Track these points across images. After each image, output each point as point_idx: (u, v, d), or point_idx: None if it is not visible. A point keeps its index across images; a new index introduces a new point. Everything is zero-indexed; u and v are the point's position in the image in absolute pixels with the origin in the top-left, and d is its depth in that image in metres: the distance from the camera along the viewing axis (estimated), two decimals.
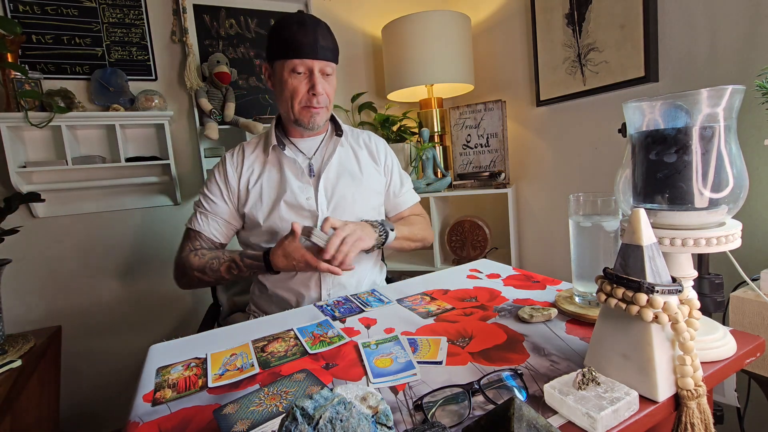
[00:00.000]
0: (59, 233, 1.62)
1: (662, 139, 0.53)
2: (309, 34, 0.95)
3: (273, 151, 1.07)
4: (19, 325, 1.53)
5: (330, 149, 1.09)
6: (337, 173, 1.08)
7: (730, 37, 1.18)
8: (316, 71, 0.98)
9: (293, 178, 1.04)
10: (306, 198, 1.03)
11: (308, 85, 0.98)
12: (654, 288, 0.45)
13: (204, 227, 1.07)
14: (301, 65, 0.96)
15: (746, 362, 0.55)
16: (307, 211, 1.03)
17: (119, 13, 1.65)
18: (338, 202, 1.06)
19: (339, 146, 1.10)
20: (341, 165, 1.10)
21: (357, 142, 1.16)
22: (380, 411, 0.41)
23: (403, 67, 1.88)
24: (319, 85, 0.98)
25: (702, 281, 0.94)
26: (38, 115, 1.43)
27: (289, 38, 0.95)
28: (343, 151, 1.12)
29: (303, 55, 0.95)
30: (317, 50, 0.96)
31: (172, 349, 0.73)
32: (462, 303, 0.81)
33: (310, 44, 0.95)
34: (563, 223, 1.80)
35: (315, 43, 0.95)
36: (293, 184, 1.04)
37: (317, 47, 0.96)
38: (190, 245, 1.06)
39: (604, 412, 0.42)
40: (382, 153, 1.18)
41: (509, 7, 1.92)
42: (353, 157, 1.13)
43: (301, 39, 0.94)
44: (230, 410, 0.52)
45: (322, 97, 1.00)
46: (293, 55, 0.95)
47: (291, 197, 1.03)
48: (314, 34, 0.95)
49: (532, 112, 1.88)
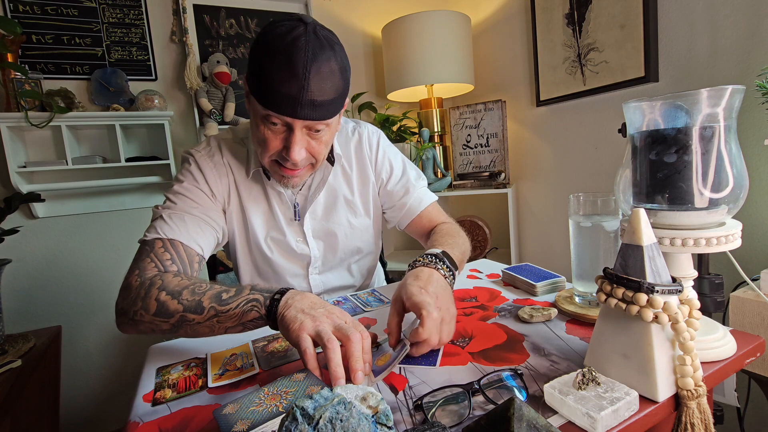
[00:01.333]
0: (59, 233, 1.62)
1: (662, 139, 0.53)
2: (295, 83, 0.65)
3: (254, 177, 0.85)
4: (19, 325, 1.53)
5: (317, 180, 0.88)
6: (325, 207, 0.91)
7: (730, 37, 1.18)
8: (296, 130, 0.70)
9: (282, 217, 0.87)
10: (296, 241, 0.89)
11: (283, 143, 0.72)
12: (654, 288, 0.45)
13: (179, 233, 0.74)
14: (278, 118, 0.69)
15: (746, 362, 0.55)
16: (299, 256, 0.90)
17: (119, 13, 1.65)
18: (331, 243, 0.92)
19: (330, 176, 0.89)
20: (332, 196, 0.91)
21: (347, 154, 0.92)
22: (380, 411, 0.41)
23: (403, 67, 1.88)
24: (294, 150, 0.71)
25: (702, 281, 0.94)
26: (38, 115, 1.43)
27: (269, 80, 0.66)
28: (332, 177, 0.90)
29: (281, 111, 0.68)
30: (302, 107, 0.67)
31: (172, 349, 0.72)
32: (462, 303, 0.81)
33: (293, 97, 0.66)
34: (563, 223, 1.80)
35: (301, 96, 0.66)
36: (282, 224, 0.87)
37: (301, 103, 0.66)
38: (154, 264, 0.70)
39: (604, 412, 0.42)
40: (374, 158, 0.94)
41: (509, 7, 1.93)
42: (344, 181, 0.92)
43: (284, 88, 0.65)
44: (230, 410, 0.52)
45: (301, 162, 0.75)
46: (267, 104, 0.68)
47: (281, 239, 0.88)
48: (301, 85, 0.65)
49: (532, 112, 1.88)
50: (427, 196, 0.97)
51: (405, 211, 0.95)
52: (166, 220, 0.74)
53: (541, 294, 0.82)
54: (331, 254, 0.93)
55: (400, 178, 0.96)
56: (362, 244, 0.96)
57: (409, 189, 0.95)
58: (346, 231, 0.92)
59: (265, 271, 0.92)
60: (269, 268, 0.91)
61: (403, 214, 0.96)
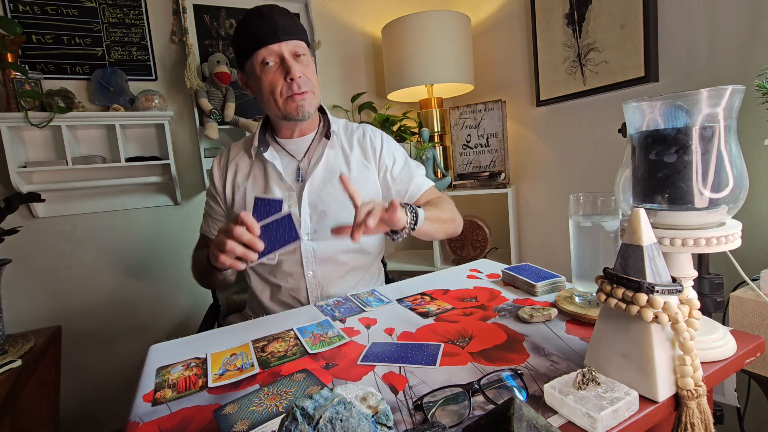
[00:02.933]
0: (59, 233, 1.62)
1: (662, 139, 0.53)
2: (266, 20, 0.89)
3: (255, 154, 1.03)
4: (19, 325, 1.53)
5: (318, 152, 1.02)
6: (323, 179, 1.01)
7: (730, 37, 1.18)
8: (286, 55, 0.90)
9: (275, 184, 1.00)
10: (288, 205, 0.98)
11: (283, 73, 0.91)
12: (654, 288, 0.45)
13: (206, 229, 1.09)
14: (269, 54, 0.90)
15: (746, 362, 0.55)
16: None
17: (119, 13, 1.65)
18: (323, 211, 0.99)
19: (328, 148, 1.02)
20: (328, 169, 1.02)
21: (349, 142, 1.06)
22: (380, 411, 0.41)
23: (403, 67, 1.88)
24: (294, 68, 0.90)
25: (702, 281, 0.94)
26: (38, 115, 1.43)
27: (248, 30, 0.90)
28: (332, 153, 1.03)
29: (266, 42, 0.89)
30: (278, 32, 0.89)
31: (172, 349, 0.73)
32: (462, 303, 0.81)
33: (271, 28, 0.88)
34: (563, 223, 1.80)
35: (275, 26, 0.89)
36: (275, 191, 0.99)
37: (278, 29, 0.89)
38: (196, 246, 1.10)
39: (604, 412, 0.42)
40: (377, 147, 1.07)
41: (509, 7, 1.93)
42: (343, 160, 1.04)
43: (260, 27, 0.89)
44: (230, 410, 0.52)
45: (302, 80, 0.92)
46: (257, 45, 0.89)
47: None
48: (272, 18, 0.89)
49: (532, 112, 1.88)
50: (425, 182, 1.09)
51: (407, 196, 1.07)
52: (204, 220, 1.10)
53: (541, 294, 0.82)
54: (323, 224, 1.00)
55: (402, 166, 1.08)
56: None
57: (412, 175, 1.08)
58: (340, 204, 1.00)
59: None
60: None
61: (406, 198, 1.06)
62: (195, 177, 1.82)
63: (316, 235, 1.00)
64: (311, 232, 1.00)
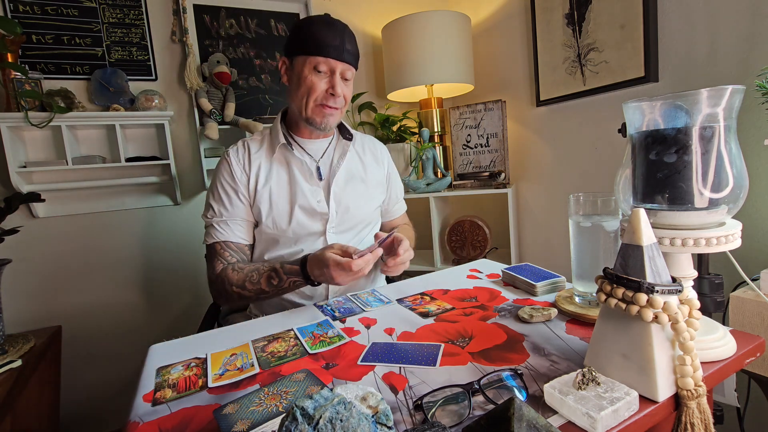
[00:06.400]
0: (59, 233, 1.61)
1: (662, 139, 0.53)
2: (337, 36, 0.95)
3: (280, 149, 1.04)
4: (19, 325, 1.53)
5: (338, 153, 1.09)
6: (346, 179, 1.08)
7: (730, 37, 1.18)
8: (337, 73, 0.97)
9: (303, 180, 1.03)
10: (317, 201, 1.02)
11: (328, 85, 0.97)
12: (654, 288, 0.45)
13: (229, 235, 1.01)
14: (325, 64, 0.95)
15: (746, 362, 0.55)
16: (319, 215, 1.03)
17: (119, 13, 1.65)
18: (347, 206, 1.06)
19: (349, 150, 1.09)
20: (349, 171, 1.09)
21: (362, 148, 1.16)
22: (380, 411, 0.41)
23: (403, 67, 1.88)
24: (339, 87, 0.97)
25: (702, 281, 0.94)
26: (38, 115, 1.43)
27: (317, 36, 0.94)
28: (351, 156, 1.11)
29: (328, 54, 0.95)
30: (343, 52, 0.96)
31: (172, 349, 0.73)
32: (462, 303, 0.81)
33: (336, 46, 0.95)
34: (563, 223, 1.80)
35: (342, 45, 0.95)
36: (304, 186, 1.02)
37: (343, 49, 0.96)
38: (221, 261, 0.99)
39: (604, 412, 0.42)
40: (385, 159, 1.20)
41: (509, 7, 1.92)
42: (359, 162, 1.13)
43: (329, 39, 0.94)
44: (230, 410, 0.52)
45: (339, 99, 0.99)
46: (318, 52, 0.94)
47: (304, 200, 1.02)
48: (341, 37, 0.96)
49: (532, 112, 1.88)
50: (403, 207, 1.31)
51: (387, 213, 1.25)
52: (216, 227, 1.02)
53: (541, 294, 0.82)
54: (346, 217, 1.07)
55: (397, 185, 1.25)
56: (370, 217, 1.14)
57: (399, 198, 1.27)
58: (358, 202, 1.09)
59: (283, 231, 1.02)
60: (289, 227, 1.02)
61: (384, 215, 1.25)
62: (195, 177, 1.82)
63: (338, 229, 1.06)
64: (335, 225, 1.05)
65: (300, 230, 1.02)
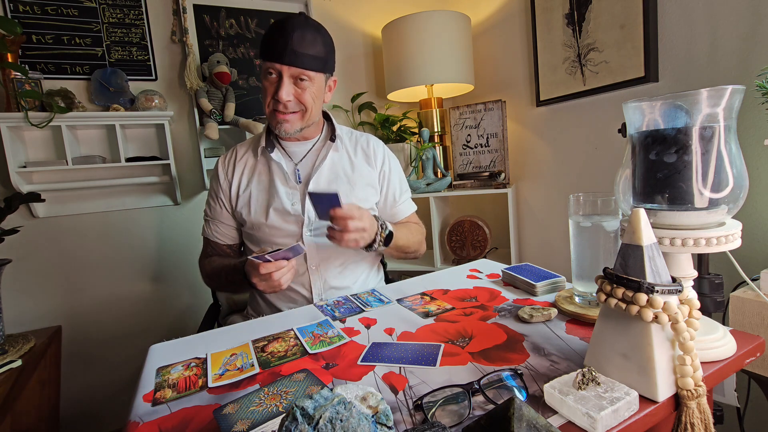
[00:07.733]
0: (59, 233, 1.61)
1: (662, 139, 0.53)
2: (282, 38, 0.90)
3: (261, 153, 1.06)
4: (19, 325, 1.53)
5: (322, 155, 1.06)
6: (329, 180, 1.05)
7: (730, 37, 1.18)
8: (285, 77, 0.93)
9: (280, 183, 1.03)
10: (292, 204, 1.02)
11: (274, 90, 0.94)
12: (654, 288, 0.45)
13: (210, 233, 1.10)
14: (272, 68, 0.93)
15: (746, 362, 0.55)
16: (293, 217, 1.02)
17: (119, 13, 1.65)
18: None
19: (332, 151, 1.06)
20: (333, 171, 1.06)
21: (354, 147, 1.11)
22: (380, 411, 0.41)
23: (403, 67, 1.88)
24: (283, 91, 0.93)
25: (702, 281, 0.94)
26: (38, 115, 1.43)
27: (266, 39, 0.93)
28: (337, 156, 1.08)
29: (272, 58, 0.91)
30: (285, 55, 0.90)
31: (172, 349, 0.73)
32: (462, 303, 0.81)
33: (282, 48, 0.90)
34: (563, 223, 1.80)
35: (287, 47, 0.90)
36: (280, 189, 1.02)
37: (286, 52, 0.90)
38: (203, 253, 1.13)
39: (604, 412, 0.42)
40: (379, 157, 1.13)
41: (509, 7, 1.92)
42: (348, 162, 1.09)
43: (273, 42, 0.91)
44: (230, 410, 0.52)
45: (291, 104, 0.95)
46: (266, 57, 0.93)
47: (278, 203, 1.02)
48: (287, 38, 0.90)
49: (532, 112, 1.88)
50: (410, 207, 1.21)
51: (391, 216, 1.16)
52: (207, 224, 1.11)
53: (541, 294, 0.82)
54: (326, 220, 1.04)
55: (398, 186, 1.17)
56: None
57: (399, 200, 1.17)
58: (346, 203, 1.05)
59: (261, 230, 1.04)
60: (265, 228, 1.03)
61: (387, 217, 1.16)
62: (195, 177, 1.82)
63: (317, 232, 1.04)
64: (314, 228, 1.03)
65: (275, 232, 1.03)
